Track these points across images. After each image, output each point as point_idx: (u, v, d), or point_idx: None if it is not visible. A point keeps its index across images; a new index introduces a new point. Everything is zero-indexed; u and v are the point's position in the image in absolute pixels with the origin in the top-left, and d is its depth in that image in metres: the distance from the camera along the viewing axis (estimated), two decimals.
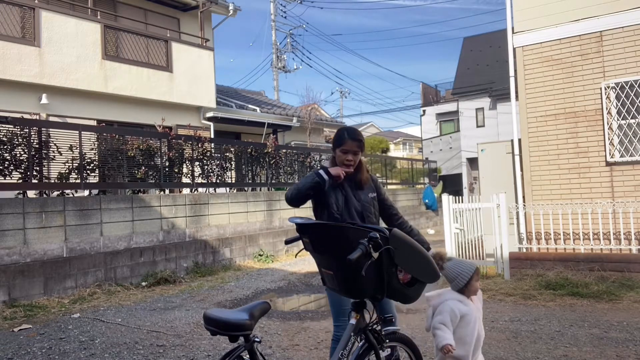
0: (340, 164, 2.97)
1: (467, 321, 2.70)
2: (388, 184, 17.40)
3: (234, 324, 2.18)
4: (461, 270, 2.74)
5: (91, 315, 5.85)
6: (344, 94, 41.87)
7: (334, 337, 2.96)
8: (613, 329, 4.67)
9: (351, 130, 3.03)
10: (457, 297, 2.73)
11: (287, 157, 11.94)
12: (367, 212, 3.00)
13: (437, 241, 11.99)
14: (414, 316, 5.43)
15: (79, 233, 7.14)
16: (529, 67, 7.79)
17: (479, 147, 9.02)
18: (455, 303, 2.71)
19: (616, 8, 7.07)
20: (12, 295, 6.27)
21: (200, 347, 4.57)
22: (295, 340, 4.72)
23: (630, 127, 7.01)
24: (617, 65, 7.08)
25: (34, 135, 6.99)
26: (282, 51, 27.51)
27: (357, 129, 3.14)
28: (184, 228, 8.75)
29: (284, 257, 10.36)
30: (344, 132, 2.99)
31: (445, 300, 2.73)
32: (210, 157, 9.73)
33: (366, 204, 3.00)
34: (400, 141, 47.98)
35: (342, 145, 2.95)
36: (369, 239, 2.25)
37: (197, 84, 12.76)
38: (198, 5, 13.33)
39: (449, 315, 2.67)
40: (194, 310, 6.00)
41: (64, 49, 10.12)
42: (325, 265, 2.54)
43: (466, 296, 2.75)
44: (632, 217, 6.70)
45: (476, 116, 24.76)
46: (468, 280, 2.72)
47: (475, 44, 27.95)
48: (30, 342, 4.81)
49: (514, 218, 7.58)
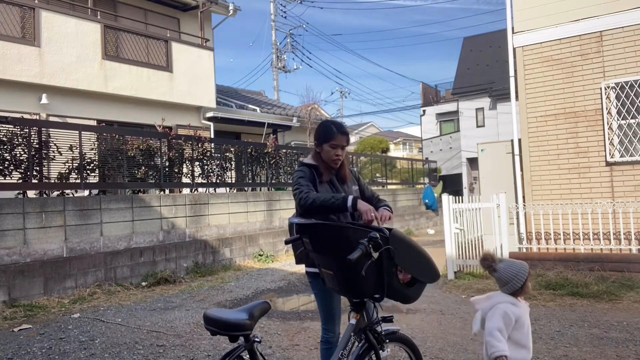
0: (328, 159, 2.86)
1: (522, 323, 2.50)
2: (388, 184, 17.40)
3: (234, 324, 2.18)
4: (517, 272, 2.53)
5: (91, 315, 5.85)
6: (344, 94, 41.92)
7: (322, 339, 2.92)
8: (613, 329, 4.67)
9: (339, 124, 2.92)
10: (508, 300, 2.53)
11: (287, 157, 11.94)
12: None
13: (437, 241, 11.99)
14: (414, 316, 5.43)
15: (79, 233, 7.14)
16: (529, 67, 7.79)
17: (479, 147, 9.02)
18: (508, 306, 2.49)
19: (616, 8, 7.07)
20: (12, 295, 6.27)
21: (200, 347, 4.57)
22: (295, 340, 4.72)
23: (630, 127, 7.01)
24: (617, 65, 7.08)
25: (34, 135, 6.99)
26: (282, 51, 27.52)
27: (342, 122, 3.02)
28: (184, 228, 8.75)
29: (284, 257, 10.36)
30: (331, 126, 2.87)
31: (497, 304, 2.51)
32: (210, 157, 9.73)
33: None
34: (400, 141, 47.97)
35: (331, 140, 2.83)
36: (369, 239, 2.24)
37: (197, 84, 12.76)
38: (198, 5, 13.33)
39: (502, 320, 2.45)
40: (194, 310, 6.00)
41: (64, 49, 10.12)
42: (325, 266, 2.53)
43: (518, 298, 2.56)
44: (632, 217, 6.71)
45: (476, 116, 24.76)
46: (524, 282, 2.53)
47: (475, 44, 27.96)
48: (30, 342, 4.81)
49: (514, 218, 7.58)
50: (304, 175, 2.80)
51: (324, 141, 2.85)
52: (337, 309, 2.90)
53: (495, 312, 2.48)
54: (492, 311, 2.49)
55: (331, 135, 2.84)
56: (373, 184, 16.02)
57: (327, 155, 2.85)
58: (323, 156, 2.87)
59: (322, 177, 2.85)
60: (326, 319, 2.90)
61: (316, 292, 2.88)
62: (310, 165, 2.87)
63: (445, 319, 5.28)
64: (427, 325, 5.04)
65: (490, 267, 2.53)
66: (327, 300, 2.86)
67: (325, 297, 2.84)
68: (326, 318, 2.90)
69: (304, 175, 2.80)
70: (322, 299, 2.87)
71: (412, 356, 2.86)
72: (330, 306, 2.88)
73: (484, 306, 2.58)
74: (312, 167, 2.86)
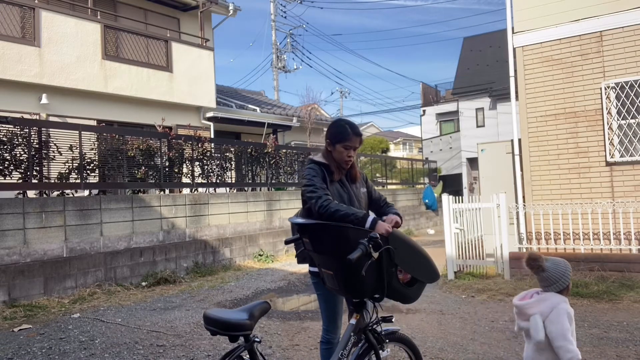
0: (340, 160, 2.81)
1: (572, 319, 2.47)
2: (388, 184, 17.40)
3: (234, 324, 2.18)
4: (564, 270, 2.50)
5: (91, 315, 5.85)
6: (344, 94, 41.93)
7: (323, 339, 2.90)
8: (613, 329, 4.67)
9: (353, 125, 2.86)
10: (564, 299, 2.48)
11: (287, 157, 11.94)
12: (362, 208, 2.96)
13: (437, 241, 12.00)
14: (413, 316, 5.43)
15: (79, 233, 7.14)
16: (529, 67, 7.79)
17: (479, 147, 9.02)
18: (566, 305, 2.44)
19: (616, 8, 7.07)
20: (12, 295, 6.27)
21: (200, 347, 4.57)
22: (295, 340, 4.72)
23: (630, 127, 7.01)
24: (617, 65, 7.08)
25: (34, 135, 6.99)
26: (282, 51, 27.52)
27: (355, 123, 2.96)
28: (184, 228, 8.75)
29: (284, 257, 10.36)
30: (346, 127, 2.80)
31: (557, 305, 2.43)
32: (210, 157, 9.73)
33: (361, 200, 2.90)
34: (400, 141, 47.98)
35: (345, 140, 2.77)
36: (369, 239, 2.24)
37: (197, 84, 12.76)
38: (198, 5, 13.33)
39: (567, 320, 2.40)
40: (194, 310, 6.00)
41: (64, 49, 10.12)
42: (325, 266, 2.53)
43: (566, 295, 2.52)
44: (632, 217, 6.70)
45: (476, 116, 24.75)
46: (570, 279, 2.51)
47: (475, 44, 27.95)
48: (30, 342, 4.81)
49: (514, 218, 7.58)
50: (316, 174, 2.74)
51: (338, 141, 2.79)
52: (341, 310, 2.89)
53: (558, 313, 2.40)
54: (555, 313, 2.41)
55: (346, 136, 2.78)
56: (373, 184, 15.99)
57: (339, 155, 2.80)
58: (335, 156, 2.81)
59: (334, 176, 2.81)
60: (329, 320, 2.88)
61: (320, 293, 2.85)
62: (321, 163, 2.81)
63: (445, 319, 5.28)
64: (427, 325, 5.04)
65: (540, 267, 2.48)
66: (331, 301, 2.84)
67: (329, 298, 2.82)
68: (329, 319, 2.87)
69: (317, 175, 2.73)
70: (326, 300, 2.85)
71: (412, 356, 2.86)
72: (334, 307, 2.85)
73: (542, 309, 2.45)
74: (324, 165, 2.80)
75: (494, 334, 4.65)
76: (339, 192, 2.80)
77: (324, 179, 2.74)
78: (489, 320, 5.13)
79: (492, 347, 4.27)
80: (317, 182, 2.68)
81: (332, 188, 2.77)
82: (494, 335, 4.61)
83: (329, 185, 2.76)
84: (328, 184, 2.75)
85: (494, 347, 4.29)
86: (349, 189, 2.86)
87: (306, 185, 2.70)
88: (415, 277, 2.47)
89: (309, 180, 2.70)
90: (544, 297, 2.49)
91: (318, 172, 2.74)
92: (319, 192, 2.63)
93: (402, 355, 2.98)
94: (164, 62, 12.08)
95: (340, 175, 2.85)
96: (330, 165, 2.80)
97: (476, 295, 6.27)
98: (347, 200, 2.80)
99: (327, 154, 2.84)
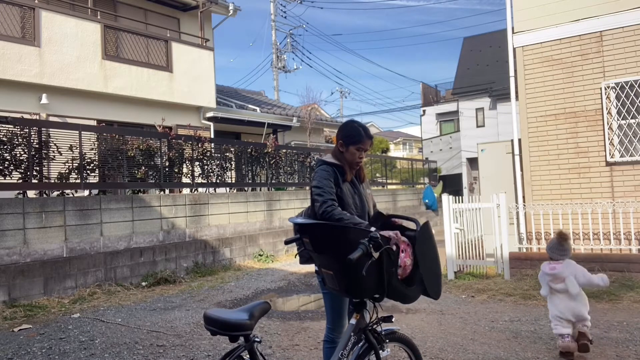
0: (352, 161, 2.86)
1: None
2: (388, 184, 17.40)
3: (234, 324, 2.17)
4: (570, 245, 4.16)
5: (91, 315, 5.84)
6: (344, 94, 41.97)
7: (327, 338, 2.90)
8: (613, 329, 4.67)
9: (366, 128, 2.91)
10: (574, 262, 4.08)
11: (287, 157, 11.94)
12: (371, 209, 2.96)
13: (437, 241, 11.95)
14: (413, 316, 5.43)
15: (79, 233, 7.14)
16: (529, 67, 7.79)
17: (479, 147, 9.03)
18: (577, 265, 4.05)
19: (616, 8, 7.07)
20: (12, 295, 6.26)
21: (200, 347, 4.57)
22: (295, 340, 4.72)
23: (630, 127, 7.01)
24: (617, 65, 7.09)
25: (34, 135, 6.99)
26: (282, 51, 27.52)
27: (367, 126, 3.00)
28: (184, 228, 8.75)
29: (284, 257, 10.36)
30: (360, 129, 2.86)
31: (575, 265, 4.00)
32: (210, 157, 9.73)
33: (369, 201, 2.96)
34: (400, 141, 47.98)
35: (359, 143, 2.83)
36: (369, 239, 2.25)
37: (197, 84, 12.76)
38: (198, 5, 13.33)
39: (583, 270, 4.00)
40: (194, 310, 5.99)
41: (64, 49, 10.12)
42: (325, 266, 2.53)
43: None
44: (632, 217, 6.70)
45: (476, 116, 24.75)
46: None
47: (475, 44, 27.95)
48: (30, 342, 4.81)
49: (514, 218, 7.58)
50: (328, 176, 2.77)
51: (351, 143, 2.84)
52: (346, 310, 2.89)
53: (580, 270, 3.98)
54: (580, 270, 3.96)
55: (359, 138, 2.84)
56: (373, 184, 16.02)
57: (351, 156, 2.85)
58: (347, 157, 2.86)
59: (346, 177, 2.86)
60: (334, 319, 2.88)
61: (326, 292, 2.85)
62: (334, 164, 2.85)
63: (445, 319, 5.28)
64: (427, 325, 5.04)
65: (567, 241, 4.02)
66: (337, 300, 2.84)
67: (335, 297, 2.82)
68: (334, 318, 2.88)
69: (329, 177, 2.77)
70: (332, 299, 2.85)
71: (411, 356, 2.86)
72: (340, 307, 2.86)
73: (571, 270, 3.95)
74: (336, 166, 2.84)
75: (494, 334, 4.65)
76: (350, 192, 2.84)
77: (337, 180, 2.79)
78: (489, 320, 5.13)
79: (492, 347, 4.27)
80: (326, 186, 2.73)
81: (344, 188, 2.81)
82: (494, 335, 4.61)
83: (341, 185, 2.80)
84: (341, 184, 2.80)
85: (494, 347, 4.29)
86: (359, 189, 2.91)
87: (315, 186, 2.76)
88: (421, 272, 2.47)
89: (319, 181, 2.76)
90: (566, 263, 3.98)
91: (330, 174, 2.79)
92: (325, 196, 2.69)
93: (402, 355, 2.98)
94: (164, 62, 12.08)
95: (351, 175, 2.91)
96: (343, 166, 2.85)
97: (476, 295, 6.27)
98: (358, 201, 2.86)
99: (339, 155, 2.89)
